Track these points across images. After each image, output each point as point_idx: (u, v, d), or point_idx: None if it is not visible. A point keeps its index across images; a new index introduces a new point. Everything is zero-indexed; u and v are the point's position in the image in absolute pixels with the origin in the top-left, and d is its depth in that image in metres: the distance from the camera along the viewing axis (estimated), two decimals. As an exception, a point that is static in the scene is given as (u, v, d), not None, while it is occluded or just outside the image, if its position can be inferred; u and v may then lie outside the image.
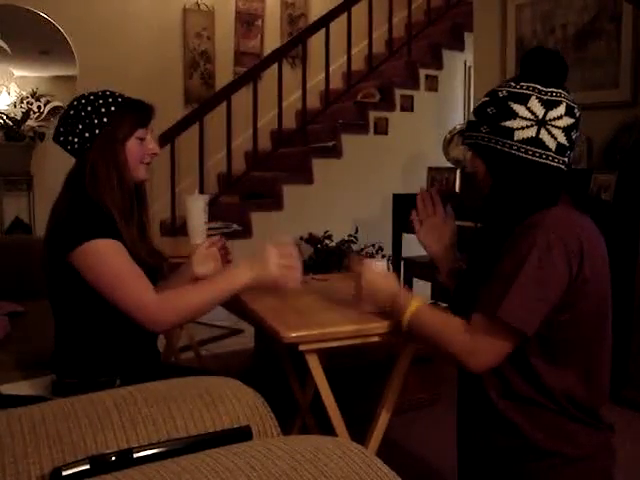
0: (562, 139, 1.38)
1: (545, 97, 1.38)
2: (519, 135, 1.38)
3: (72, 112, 1.70)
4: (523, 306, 1.31)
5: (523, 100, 1.38)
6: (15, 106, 5.77)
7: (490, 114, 1.42)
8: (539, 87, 1.39)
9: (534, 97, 1.38)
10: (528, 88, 1.39)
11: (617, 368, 1.50)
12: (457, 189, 4.30)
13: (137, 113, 1.73)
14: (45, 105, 5.60)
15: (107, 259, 1.60)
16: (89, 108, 1.68)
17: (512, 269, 1.33)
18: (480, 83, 4.50)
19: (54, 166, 3.31)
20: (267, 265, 1.67)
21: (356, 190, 5.21)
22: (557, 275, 1.32)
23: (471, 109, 5.18)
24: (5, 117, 5.21)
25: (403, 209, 4.14)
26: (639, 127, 3.32)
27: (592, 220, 1.43)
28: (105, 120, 1.67)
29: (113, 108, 1.69)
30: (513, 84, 1.42)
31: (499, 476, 1.45)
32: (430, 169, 4.55)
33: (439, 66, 5.66)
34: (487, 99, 1.45)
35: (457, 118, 5.71)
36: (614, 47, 3.52)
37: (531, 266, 1.31)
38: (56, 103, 5.47)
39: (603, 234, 1.43)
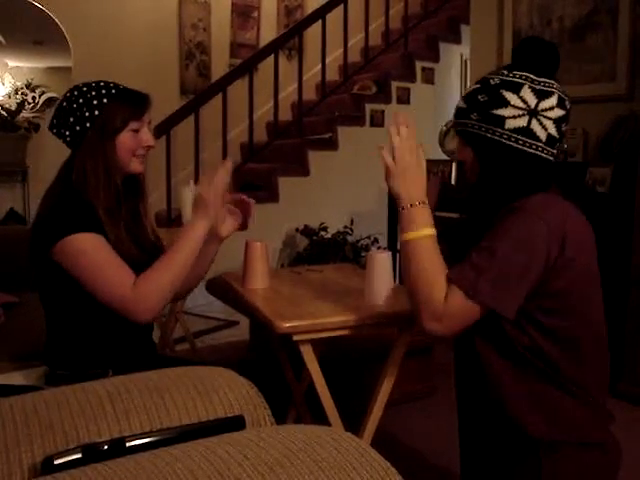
0: (552, 130, 1.38)
1: (538, 87, 1.37)
2: (510, 124, 1.37)
3: (65, 104, 1.67)
4: (501, 288, 1.29)
5: (516, 89, 1.37)
6: (10, 97, 5.74)
7: (481, 101, 1.41)
8: (532, 76, 1.38)
9: (527, 86, 1.37)
10: (521, 77, 1.38)
11: (613, 362, 1.50)
12: (453, 181, 4.29)
13: (130, 105, 1.68)
14: (40, 96, 5.56)
15: (87, 253, 1.59)
16: (81, 100, 1.65)
17: (490, 247, 1.31)
18: (476, 76, 4.45)
19: (49, 157, 3.29)
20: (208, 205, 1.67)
21: (352, 182, 5.20)
22: (536, 257, 1.30)
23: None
24: (0, 108, 5.17)
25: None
26: (635, 121, 3.31)
27: (582, 210, 1.42)
28: (96, 113, 1.64)
29: (105, 100, 1.65)
30: (505, 72, 1.41)
31: (502, 468, 1.44)
32: (426, 161, 4.54)
33: (436, 58, 5.66)
34: (478, 86, 1.44)
35: (453, 111, 5.69)
36: (611, 40, 3.51)
37: (509, 247, 1.30)
38: (51, 94, 5.43)
39: (599, 226, 1.42)
